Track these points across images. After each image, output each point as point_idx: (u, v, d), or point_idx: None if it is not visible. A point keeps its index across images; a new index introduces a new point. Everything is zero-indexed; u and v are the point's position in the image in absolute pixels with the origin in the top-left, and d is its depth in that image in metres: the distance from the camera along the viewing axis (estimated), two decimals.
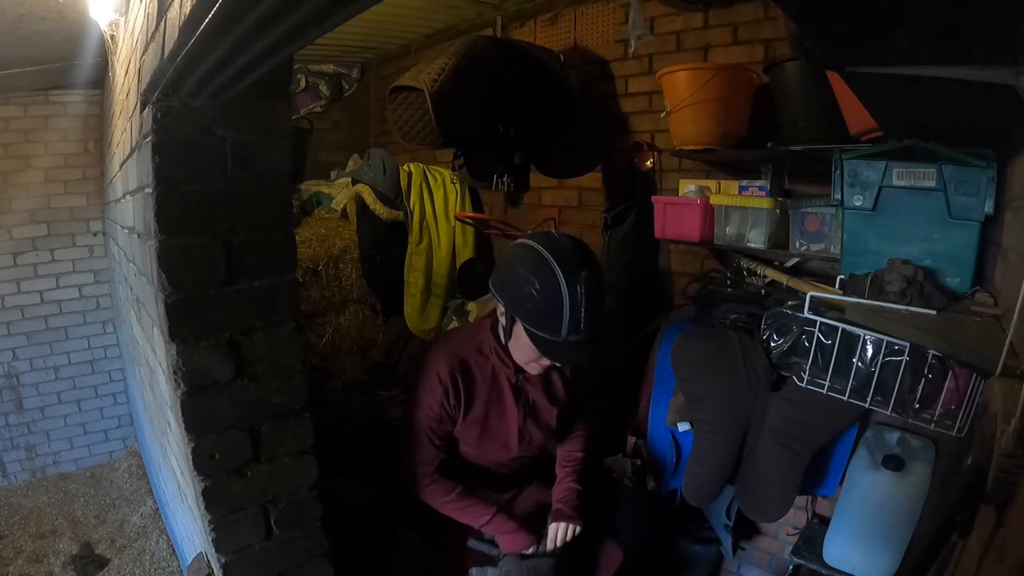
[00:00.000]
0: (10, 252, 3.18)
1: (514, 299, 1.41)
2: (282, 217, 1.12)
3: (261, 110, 1.05)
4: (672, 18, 2.14)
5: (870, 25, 0.74)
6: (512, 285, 1.41)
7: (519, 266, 1.40)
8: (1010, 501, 0.83)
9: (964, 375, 1.30)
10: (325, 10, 0.58)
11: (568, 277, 1.34)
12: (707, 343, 1.78)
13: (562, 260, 1.36)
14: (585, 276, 1.35)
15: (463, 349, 1.55)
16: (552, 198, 2.71)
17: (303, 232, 3.03)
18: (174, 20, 0.76)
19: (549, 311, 1.36)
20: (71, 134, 3.22)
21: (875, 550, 1.61)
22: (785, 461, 1.66)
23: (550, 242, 1.40)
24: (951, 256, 1.41)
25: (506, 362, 1.54)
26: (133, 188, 1.37)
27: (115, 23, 1.58)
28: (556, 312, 1.35)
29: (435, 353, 1.55)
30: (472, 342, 1.57)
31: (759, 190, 1.87)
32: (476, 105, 2.09)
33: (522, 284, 1.38)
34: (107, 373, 3.52)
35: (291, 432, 1.15)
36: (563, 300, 1.34)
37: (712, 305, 1.84)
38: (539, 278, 1.36)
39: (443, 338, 1.71)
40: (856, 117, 1.52)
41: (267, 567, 1.18)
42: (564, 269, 1.35)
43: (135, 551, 2.62)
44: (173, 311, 1.01)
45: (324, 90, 3.80)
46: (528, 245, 1.41)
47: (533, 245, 1.40)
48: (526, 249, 1.41)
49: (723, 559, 2.24)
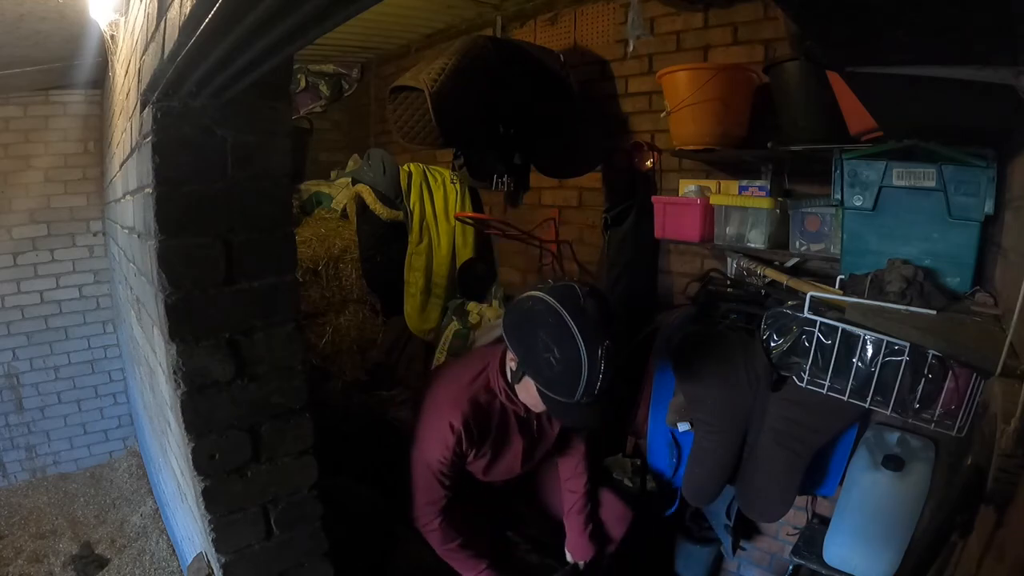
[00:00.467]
0: (10, 252, 3.18)
1: (530, 358, 1.38)
2: (282, 217, 1.12)
3: (261, 110, 1.05)
4: (672, 18, 2.14)
5: (870, 25, 0.74)
6: (529, 345, 1.37)
7: (539, 328, 1.35)
8: (1010, 501, 0.83)
9: (964, 375, 1.30)
10: (325, 10, 0.58)
11: (590, 348, 1.30)
12: (707, 343, 1.78)
13: (586, 330, 1.31)
14: (607, 346, 1.31)
15: (472, 389, 1.53)
16: (552, 198, 2.71)
17: (303, 232, 3.03)
18: (174, 20, 0.76)
19: (566, 380, 1.34)
20: (71, 134, 3.22)
21: (875, 550, 1.61)
22: (785, 461, 1.66)
23: (575, 306, 1.33)
24: (951, 256, 1.41)
25: (515, 401, 1.54)
26: (133, 188, 1.37)
27: (115, 23, 1.58)
28: (573, 381, 1.33)
29: (445, 396, 1.53)
30: (481, 379, 1.55)
31: (759, 190, 1.87)
32: (476, 105, 2.09)
33: (541, 349, 1.35)
34: (107, 373, 3.52)
35: (291, 432, 1.16)
36: (582, 371, 1.31)
37: (712, 305, 1.84)
38: (560, 348, 1.32)
39: (451, 376, 1.62)
40: (856, 117, 1.52)
41: (267, 567, 1.18)
42: (587, 340, 1.30)
43: (135, 551, 2.62)
44: (173, 311, 1.01)
45: (324, 90, 3.80)
46: (552, 307, 1.34)
47: (557, 309, 1.33)
48: (549, 312, 1.34)
49: (723, 559, 2.24)
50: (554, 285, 1.41)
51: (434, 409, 1.53)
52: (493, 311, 2.83)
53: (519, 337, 1.41)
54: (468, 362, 1.64)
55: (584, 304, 1.34)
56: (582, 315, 1.32)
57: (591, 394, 1.33)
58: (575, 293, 1.37)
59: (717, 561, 2.23)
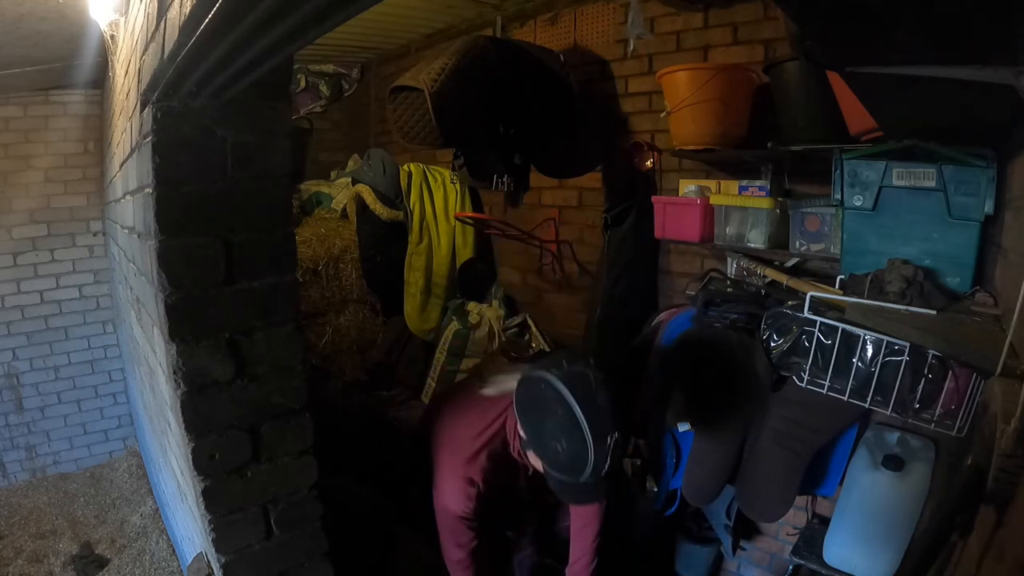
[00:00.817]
0: (10, 252, 3.18)
1: (537, 441, 1.40)
2: (282, 217, 1.12)
3: (261, 110, 1.05)
4: (672, 18, 2.14)
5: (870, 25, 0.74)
6: (537, 431, 1.39)
7: (548, 417, 1.35)
8: (1010, 501, 0.83)
9: (964, 375, 1.30)
10: (325, 10, 0.58)
11: (597, 442, 1.30)
12: (707, 343, 1.78)
13: (595, 424, 1.30)
14: (615, 438, 1.31)
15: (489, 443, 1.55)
16: (552, 198, 2.71)
17: (303, 232, 3.02)
18: (174, 20, 0.76)
19: (571, 466, 1.35)
20: (71, 134, 3.22)
21: (875, 550, 1.61)
22: (785, 461, 1.66)
23: (587, 397, 1.32)
24: (951, 256, 1.41)
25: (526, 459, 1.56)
26: (133, 188, 1.37)
27: (115, 23, 1.58)
28: (578, 469, 1.34)
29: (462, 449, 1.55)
30: (497, 434, 1.57)
31: (759, 190, 1.87)
32: (476, 105, 2.09)
33: (548, 439, 1.36)
34: (107, 373, 3.52)
35: (291, 432, 1.15)
36: (588, 461, 1.32)
37: (712, 305, 1.84)
38: (567, 439, 1.32)
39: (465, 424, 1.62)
40: (856, 117, 1.52)
41: (267, 567, 1.18)
42: (596, 434, 1.30)
43: (135, 551, 2.62)
44: (173, 311, 1.01)
45: (324, 90, 3.80)
46: (563, 397, 1.33)
47: (568, 400, 1.32)
48: (560, 401, 1.33)
49: (723, 559, 2.24)
50: (568, 370, 1.38)
51: (452, 463, 1.55)
52: (493, 311, 2.83)
53: (529, 420, 1.42)
54: (482, 410, 1.62)
55: (596, 395, 1.34)
56: (593, 407, 1.32)
57: (596, 476, 1.34)
58: (588, 382, 1.36)
59: (717, 561, 2.23)
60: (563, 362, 1.41)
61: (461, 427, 1.61)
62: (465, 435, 1.57)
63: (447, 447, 1.59)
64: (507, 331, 2.76)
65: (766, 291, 1.81)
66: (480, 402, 1.64)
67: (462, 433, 1.59)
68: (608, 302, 2.23)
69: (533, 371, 1.43)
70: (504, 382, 1.61)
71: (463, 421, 1.63)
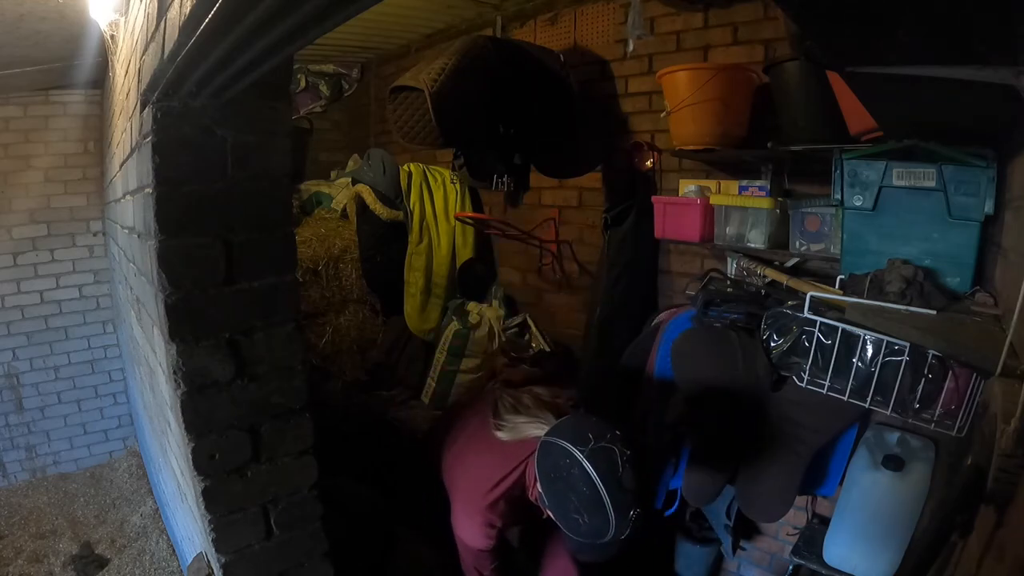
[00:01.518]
0: (10, 252, 3.18)
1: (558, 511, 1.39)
2: (282, 217, 1.12)
3: (261, 110, 1.05)
4: (672, 18, 2.14)
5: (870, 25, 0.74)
6: (559, 502, 1.38)
7: (572, 492, 1.34)
8: (1010, 501, 0.83)
9: (964, 375, 1.30)
10: (325, 10, 0.58)
11: (619, 519, 1.30)
12: (707, 343, 1.78)
13: (619, 505, 1.29)
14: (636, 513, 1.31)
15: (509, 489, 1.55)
16: (552, 198, 2.71)
17: (303, 232, 3.02)
18: (174, 20, 0.76)
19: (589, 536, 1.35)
20: (71, 134, 3.21)
21: (875, 550, 1.61)
22: (785, 461, 1.66)
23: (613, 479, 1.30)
24: (951, 256, 1.41)
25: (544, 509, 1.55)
26: (133, 188, 1.37)
27: (115, 23, 1.58)
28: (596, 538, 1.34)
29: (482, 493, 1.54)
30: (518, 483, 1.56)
31: (759, 190, 1.87)
32: (476, 105, 2.09)
33: (570, 511, 1.35)
34: (107, 373, 3.52)
35: (291, 432, 1.15)
36: (608, 534, 1.31)
37: (712, 305, 1.84)
38: (590, 516, 1.32)
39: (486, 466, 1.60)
40: (856, 117, 1.52)
41: (267, 567, 1.18)
42: (619, 513, 1.29)
43: (135, 551, 2.62)
44: (173, 311, 1.01)
45: (324, 90, 3.80)
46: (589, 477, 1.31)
47: (595, 481, 1.30)
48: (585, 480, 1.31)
49: (723, 559, 2.24)
50: (595, 447, 1.35)
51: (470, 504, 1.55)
52: (493, 311, 2.83)
53: (550, 490, 1.41)
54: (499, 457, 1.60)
55: (621, 476, 1.32)
56: (618, 489, 1.31)
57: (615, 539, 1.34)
58: (614, 462, 1.33)
59: (717, 561, 2.23)
60: (588, 435, 1.37)
61: (477, 469, 1.60)
62: (483, 479, 1.57)
63: (464, 488, 1.59)
64: (507, 331, 2.76)
65: (766, 291, 1.81)
66: (496, 448, 1.61)
67: (479, 475, 1.58)
68: (608, 302, 2.23)
69: (556, 438, 1.40)
70: (520, 428, 1.59)
71: (480, 463, 1.62)
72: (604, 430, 1.39)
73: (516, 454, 1.57)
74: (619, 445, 1.36)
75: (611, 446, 1.36)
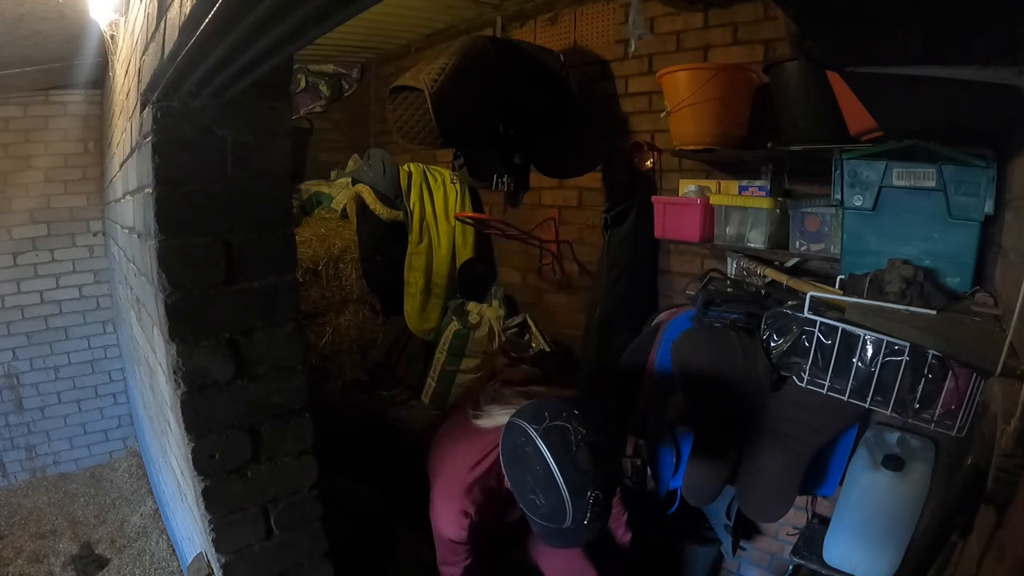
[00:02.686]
0: (10, 252, 3.18)
1: (518, 492, 1.39)
2: (282, 217, 1.12)
3: (261, 110, 1.05)
4: (672, 18, 2.14)
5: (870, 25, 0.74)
6: (517, 482, 1.38)
7: (527, 473, 1.34)
8: (1010, 501, 0.83)
9: (964, 375, 1.30)
10: (325, 10, 0.58)
11: (576, 500, 1.28)
12: (707, 343, 1.78)
13: (574, 485, 1.28)
14: (595, 496, 1.29)
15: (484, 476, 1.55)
16: (552, 198, 2.71)
17: (303, 232, 3.03)
18: (174, 20, 0.76)
19: (550, 518, 1.34)
20: (71, 134, 3.22)
21: (875, 550, 1.61)
22: (785, 461, 1.66)
23: (565, 456, 1.29)
24: (951, 256, 1.41)
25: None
26: (133, 188, 1.37)
27: (115, 23, 1.58)
28: (558, 520, 1.33)
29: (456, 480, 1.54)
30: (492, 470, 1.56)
31: (759, 190, 1.87)
32: (476, 105, 2.09)
33: (527, 490, 1.35)
34: (107, 373, 3.52)
35: (291, 432, 1.16)
36: (566, 516, 1.30)
37: (712, 305, 1.84)
38: (545, 495, 1.31)
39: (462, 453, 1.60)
40: (856, 117, 1.52)
41: (267, 567, 1.18)
42: (574, 493, 1.28)
43: (135, 551, 2.62)
44: (173, 311, 1.01)
45: (324, 90, 3.80)
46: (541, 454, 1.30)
47: (546, 458, 1.29)
48: (538, 458, 1.31)
49: (723, 559, 2.24)
50: (549, 426, 1.34)
51: (447, 492, 1.55)
52: (493, 311, 2.83)
53: (509, 471, 1.41)
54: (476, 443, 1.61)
55: (575, 454, 1.30)
56: (571, 467, 1.29)
57: (578, 524, 1.32)
58: (568, 440, 1.32)
59: (717, 561, 2.23)
60: (545, 414, 1.37)
61: (457, 456, 1.61)
62: (460, 466, 1.57)
63: (443, 475, 1.60)
64: (507, 331, 2.76)
65: (766, 291, 1.81)
66: (474, 433, 1.62)
67: (457, 462, 1.59)
68: (608, 302, 2.23)
69: (517, 418, 1.40)
70: (498, 414, 1.60)
71: (458, 450, 1.62)
72: (562, 410, 1.38)
73: (491, 440, 1.57)
74: (575, 424, 1.34)
75: (566, 424, 1.34)
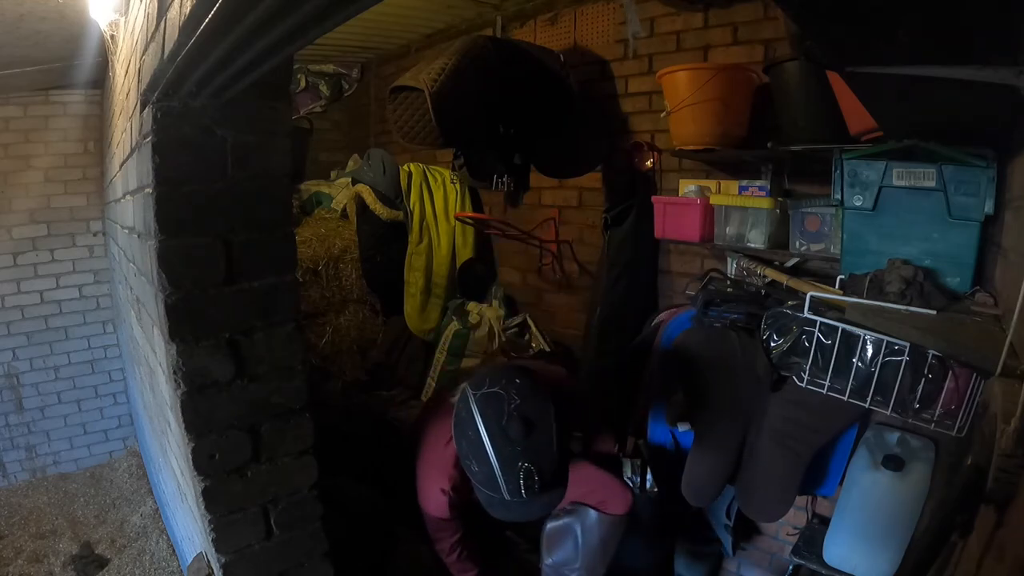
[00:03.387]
0: (10, 252, 3.18)
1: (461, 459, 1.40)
2: (282, 217, 1.12)
3: (261, 110, 1.05)
4: (672, 18, 2.14)
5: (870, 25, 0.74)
6: (458, 447, 1.39)
7: (462, 438, 1.34)
8: (1010, 501, 0.83)
9: (964, 375, 1.30)
10: (325, 10, 0.58)
11: (506, 469, 1.27)
12: (707, 343, 1.78)
13: (502, 455, 1.27)
14: (525, 468, 1.27)
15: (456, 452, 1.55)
16: (552, 198, 2.71)
17: (303, 232, 3.02)
18: (174, 20, 0.76)
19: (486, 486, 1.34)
20: (71, 134, 3.21)
21: (875, 550, 1.61)
22: (785, 461, 1.66)
23: (496, 426, 1.28)
24: (951, 256, 1.41)
25: None
26: (133, 188, 1.37)
27: (115, 23, 1.58)
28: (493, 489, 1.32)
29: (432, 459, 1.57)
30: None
31: (759, 190, 1.87)
32: (476, 105, 2.09)
33: (464, 457, 1.36)
34: (107, 373, 3.52)
35: (291, 432, 1.16)
36: (499, 486, 1.30)
37: (712, 305, 1.84)
38: (477, 463, 1.31)
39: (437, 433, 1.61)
40: (856, 117, 1.52)
41: (267, 567, 1.18)
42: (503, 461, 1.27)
43: (135, 551, 2.62)
44: (173, 311, 1.01)
45: (324, 90, 3.80)
46: (473, 420, 1.31)
47: (477, 424, 1.29)
48: (470, 424, 1.31)
49: (723, 559, 2.24)
50: (487, 391, 1.33)
51: (427, 470, 1.57)
52: (493, 311, 2.83)
53: (455, 434, 1.42)
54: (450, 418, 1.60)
55: (506, 425, 1.28)
56: (502, 437, 1.28)
57: (519, 497, 1.30)
58: (501, 410, 1.30)
59: (717, 561, 2.23)
60: (487, 379, 1.36)
61: (431, 435, 1.62)
62: (436, 443, 1.58)
63: (424, 454, 1.62)
64: (507, 331, 2.76)
65: (766, 291, 1.81)
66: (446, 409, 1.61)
67: (431, 441, 1.61)
68: (608, 302, 2.23)
69: (467, 381, 1.41)
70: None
71: (434, 429, 1.64)
72: (503, 376, 1.35)
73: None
74: (512, 392, 1.31)
75: (502, 392, 1.31)
